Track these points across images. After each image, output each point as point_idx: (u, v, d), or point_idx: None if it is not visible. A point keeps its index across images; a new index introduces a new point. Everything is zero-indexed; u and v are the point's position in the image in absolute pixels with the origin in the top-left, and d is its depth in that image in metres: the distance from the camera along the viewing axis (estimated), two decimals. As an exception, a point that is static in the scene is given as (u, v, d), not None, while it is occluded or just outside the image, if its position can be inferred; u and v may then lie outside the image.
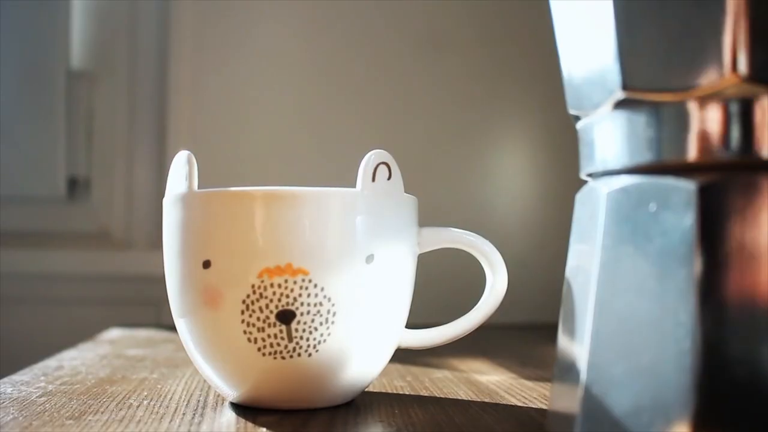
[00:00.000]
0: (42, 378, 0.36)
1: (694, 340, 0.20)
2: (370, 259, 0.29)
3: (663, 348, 0.21)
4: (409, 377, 0.38)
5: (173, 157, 0.31)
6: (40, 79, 0.75)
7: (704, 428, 0.20)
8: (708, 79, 0.21)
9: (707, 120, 0.21)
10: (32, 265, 0.73)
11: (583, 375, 0.23)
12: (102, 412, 0.29)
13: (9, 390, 0.33)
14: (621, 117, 0.23)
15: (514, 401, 0.33)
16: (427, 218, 0.33)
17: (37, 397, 0.32)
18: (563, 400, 0.24)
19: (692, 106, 0.21)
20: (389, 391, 0.35)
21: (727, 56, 0.20)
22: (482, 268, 0.33)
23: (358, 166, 0.30)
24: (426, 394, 0.34)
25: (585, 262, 0.24)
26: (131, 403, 0.31)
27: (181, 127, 0.74)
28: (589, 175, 0.25)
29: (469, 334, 0.33)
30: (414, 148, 0.73)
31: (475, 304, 0.33)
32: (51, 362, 0.41)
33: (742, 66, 0.20)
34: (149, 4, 0.76)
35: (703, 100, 0.21)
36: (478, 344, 0.49)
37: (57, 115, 0.74)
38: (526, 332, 0.61)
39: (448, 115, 0.74)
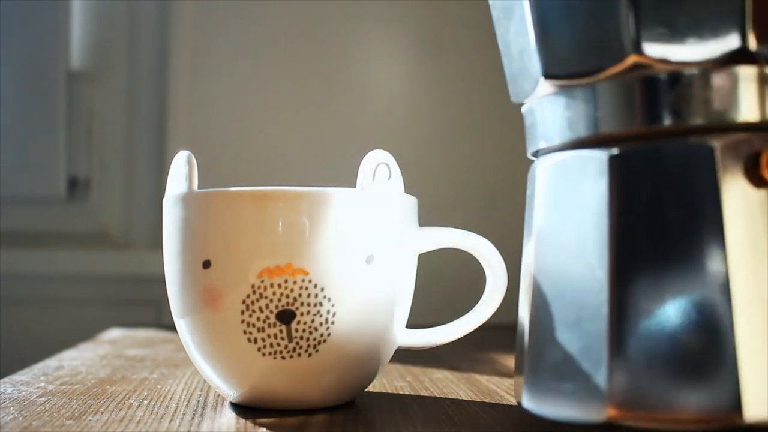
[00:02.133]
0: (42, 378, 0.36)
1: (609, 292, 0.23)
2: (370, 259, 0.29)
3: (585, 301, 0.24)
4: (409, 377, 0.38)
5: (173, 157, 0.31)
6: (40, 80, 0.75)
7: (621, 368, 0.22)
8: (611, 62, 0.23)
9: (614, 97, 0.24)
10: (32, 265, 0.73)
11: (527, 337, 0.26)
12: (102, 412, 0.29)
13: (9, 390, 0.33)
14: (547, 102, 0.26)
15: (514, 401, 0.33)
16: (427, 218, 0.33)
17: (37, 397, 0.32)
18: (519, 367, 0.27)
19: (601, 88, 0.24)
20: (389, 391, 0.35)
21: (626, 40, 0.23)
22: (482, 268, 0.33)
23: (358, 166, 0.30)
24: (426, 394, 0.34)
25: (528, 236, 0.27)
26: (131, 403, 0.31)
27: (181, 127, 0.74)
28: (533, 155, 0.28)
29: (469, 334, 0.33)
30: (414, 148, 0.73)
31: (475, 304, 0.33)
32: (51, 362, 0.41)
33: (639, 47, 0.23)
34: (149, 4, 0.76)
35: (609, 81, 0.24)
36: (478, 344, 0.49)
37: (57, 115, 0.74)
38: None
39: (448, 114, 0.74)
